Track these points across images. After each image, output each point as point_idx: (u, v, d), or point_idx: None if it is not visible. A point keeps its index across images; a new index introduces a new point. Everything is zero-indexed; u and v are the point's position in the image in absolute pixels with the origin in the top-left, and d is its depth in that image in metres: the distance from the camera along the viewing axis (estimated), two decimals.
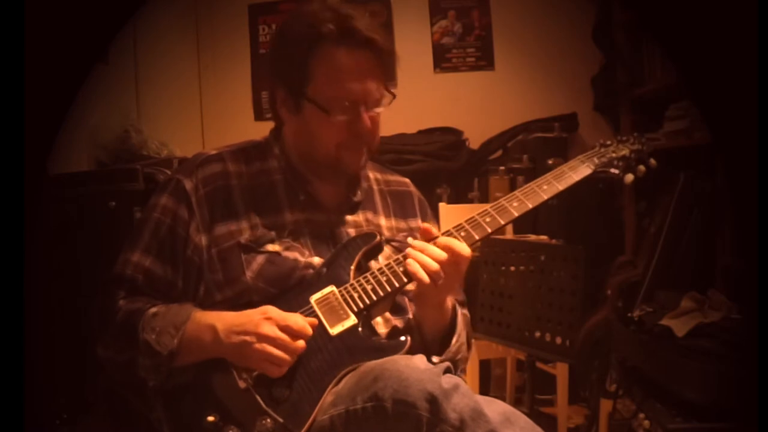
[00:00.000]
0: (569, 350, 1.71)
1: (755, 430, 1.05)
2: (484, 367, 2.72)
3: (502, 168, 3.06)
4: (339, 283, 1.12)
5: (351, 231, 1.23)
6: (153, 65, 2.92)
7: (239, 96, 3.54)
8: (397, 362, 0.97)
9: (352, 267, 1.14)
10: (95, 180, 1.98)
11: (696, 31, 1.39)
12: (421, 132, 3.34)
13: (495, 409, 0.93)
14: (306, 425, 1.00)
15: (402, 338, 1.08)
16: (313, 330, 1.06)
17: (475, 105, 3.42)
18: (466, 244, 1.10)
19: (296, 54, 1.15)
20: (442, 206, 2.71)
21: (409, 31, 3.48)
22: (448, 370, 0.98)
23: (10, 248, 0.95)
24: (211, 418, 1.03)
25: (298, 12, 1.19)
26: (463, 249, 1.08)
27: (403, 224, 1.31)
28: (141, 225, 1.18)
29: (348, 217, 1.25)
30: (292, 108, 1.19)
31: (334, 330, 1.08)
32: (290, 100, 1.19)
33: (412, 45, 3.47)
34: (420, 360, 0.98)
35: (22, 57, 1.01)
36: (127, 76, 2.72)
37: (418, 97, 3.40)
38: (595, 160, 1.22)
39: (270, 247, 1.15)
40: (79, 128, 2.26)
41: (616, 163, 1.24)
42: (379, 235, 1.19)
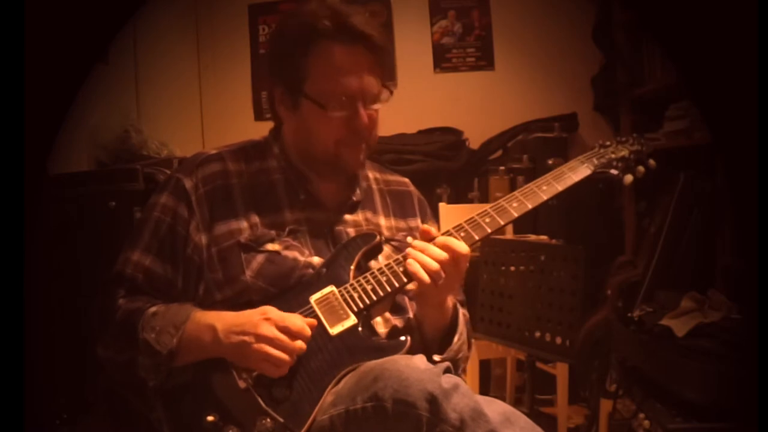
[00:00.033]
0: (569, 350, 1.71)
1: (755, 430, 1.05)
2: (484, 367, 2.72)
3: (502, 168, 3.06)
4: (339, 283, 1.12)
5: (350, 230, 1.23)
6: (153, 65, 2.91)
7: (239, 96, 3.54)
8: (397, 362, 0.97)
9: (352, 267, 1.14)
10: (95, 180, 1.99)
11: (696, 31, 1.39)
12: (421, 132, 3.34)
13: (495, 409, 0.93)
14: (306, 425, 1.00)
15: (402, 338, 1.08)
16: (313, 330, 1.06)
17: (475, 105, 3.42)
18: (466, 244, 1.10)
19: (293, 51, 1.15)
20: (442, 206, 2.71)
21: (409, 31, 3.48)
22: (447, 370, 0.98)
23: (10, 248, 0.95)
24: (210, 418, 1.03)
25: (295, 11, 1.19)
26: (461, 247, 1.08)
27: (402, 224, 1.31)
28: (141, 224, 1.18)
29: (347, 216, 1.24)
30: (290, 106, 1.19)
31: (334, 330, 1.08)
32: (288, 97, 1.19)
33: (412, 45, 3.47)
34: (420, 360, 0.98)
35: (22, 57, 1.01)
36: (127, 76, 2.72)
37: (418, 97, 3.40)
38: (595, 161, 1.23)
39: (270, 246, 1.14)
40: (79, 128, 2.26)
41: (616, 164, 1.24)
42: (378, 235, 1.18)
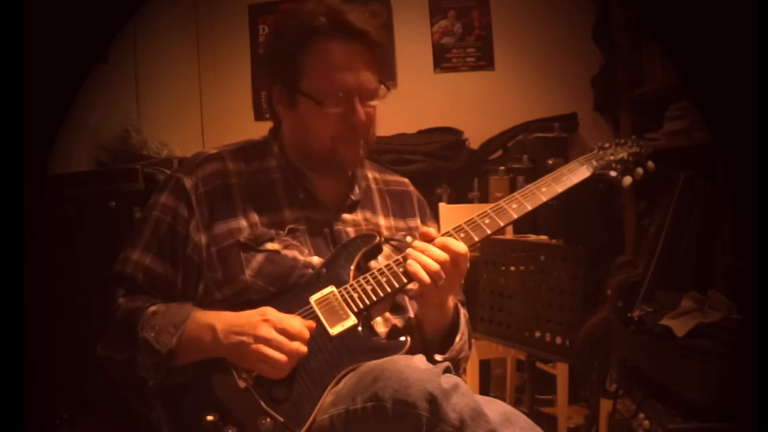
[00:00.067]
0: (569, 350, 1.71)
1: (755, 430, 1.05)
2: (484, 367, 2.72)
3: (502, 168, 3.06)
4: (339, 283, 1.12)
5: (350, 230, 1.23)
6: (153, 65, 2.91)
7: (239, 96, 3.54)
8: (397, 362, 0.97)
9: (352, 267, 1.14)
10: (95, 180, 1.99)
11: (696, 31, 1.39)
12: (421, 132, 3.34)
13: (495, 409, 0.93)
14: (306, 425, 1.00)
15: (402, 338, 1.08)
16: (312, 332, 1.06)
17: (475, 105, 3.42)
18: (466, 245, 1.10)
19: (290, 49, 1.16)
20: (442, 206, 2.71)
21: (409, 31, 3.48)
22: (447, 370, 0.98)
23: (10, 248, 0.95)
24: (210, 418, 1.03)
25: (292, 10, 1.19)
26: (461, 248, 1.09)
27: (402, 224, 1.31)
28: (141, 223, 1.18)
29: (347, 215, 1.24)
30: (287, 104, 1.20)
31: (334, 330, 1.08)
32: (285, 95, 1.19)
33: (412, 45, 3.47)
34: (420, 360, 0.98)
35: (22, 57, 1.01)
36: (127, 76, 2.72)
37: (418, 97, 3.40)
38: (594, 163, 1.23)
39: (269, 246, 1.14)
40: (79, 128, 2.26)
41: (615, 165, 1.25)
42: (378, 236, 1.19)
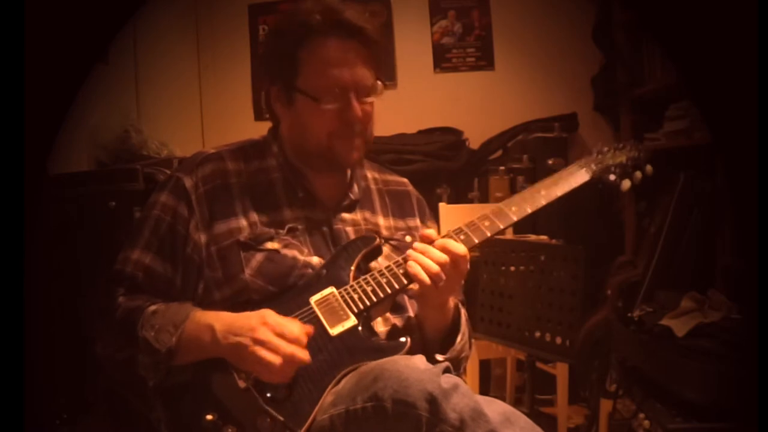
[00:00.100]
0: (569, 350, 1.71)
1: (755, 430, 1.05)
2: (484, 367, 2.72)
3: (502, 168, 3.06)
4: (339, 284, 1.12)
5: (349, 229, 1.23)
6: (153, 65, 2.91)
7: (239, 96, 3.54)
8: (397, 362, 0.97)
9: (352, 268, 1.14)
10: (95, 180, 1.99)
11: (696, 31, 1.39)
12: (421, 132, 3.34)
13: (495, 408, 0.93)
14: (306, 425, 1.00)
15: (402, 339, 1.08)
16: (312, 335, 1.06)
17: (475, 105, 3.42)
18: (466, 247, 1.11)
19: (286, 48, 1.17)
20: (442, 206, 2.71)
21: (409, 31, 3.47)
22: (447, 370, 0.98)
23: (10, 248, 0.95)
24: (210, 417, 1.03)
25: (288, 10, 1.20)
26: (460, 249, 1.09)
27: (401, 223, 1.31)
28: (141, 223, 1.18)
29: (346, 215, 1.25)
30: (285, 102, 1.20)
31: (334, 330, 1.08)
32: (283, 94, 1.20)
33: (412, 45, 3.47)
34: (419, 360, 0.99)
35: (22, 57, 1.01)
36: (127, 76, 2.72)
37: (418, 97, 3.41)
38: (593, 167, 1.24)
39: (269, 245, 1.15)
40: (79, 128, 2.26)
41: (614, 169, 1.26)
42: (378, 238, 1.19)
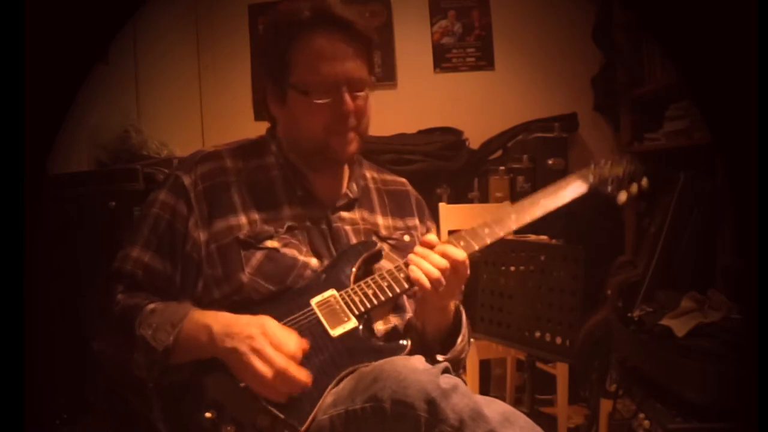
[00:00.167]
0: (569, 350, 1.71)
1: (755, 430, 1.05)
2: (484, 367, 2.72)
3: (502, 168, 3.06)
4: (339, 287, 1.13)
5: (348, 228, 1.24)
6: (153, 65, 2.91)
7: (239, 96, 3.53)
8: (396, 363, 0.97)
9: (353, 270, 1.15)
10: (95, 180, 1.98)
11: (696, 31, 1.39)
12: (421, 132, 3.33)
13: (494, 409, 0.93)
14: (305, 424, 1.00)
15: (402, 342, 1.09)
16: (314, 334, 1.06)
17: (475, 105, 3.41)
18: (466, 253, 1.12)
19: (278, 46, 1.17)
20: (442, 206, 2.71)
21: (409, 31, 3.47)
22: (446, 370, 0.98)
23: (10, 248, 0.95)
24: (209, 415, 1.02)
25: (280, 9, 1.21)
26: (459, 254, 1.10)
27: (400, 222, 1.32)
28: (140, 221, 1.19)
29: (344, 213, 1.25)
30: (279, 100, 1.21)
31: (335, 332, 1.08)
32: (276, 91, 1.20)
33: (412, 45, 3.46)
34: (418, 360, 0.99)
35: (22, 57, 1.01)
36: (127, 76, 2.72)
37: (418, 97, 3.40)
38: (591, 179, 1.27)
39: (269, 243, 1.15)
40: (79, 128, 2.26)
41: (611, 181, 1.28)
42: (379, 243, 1.21)
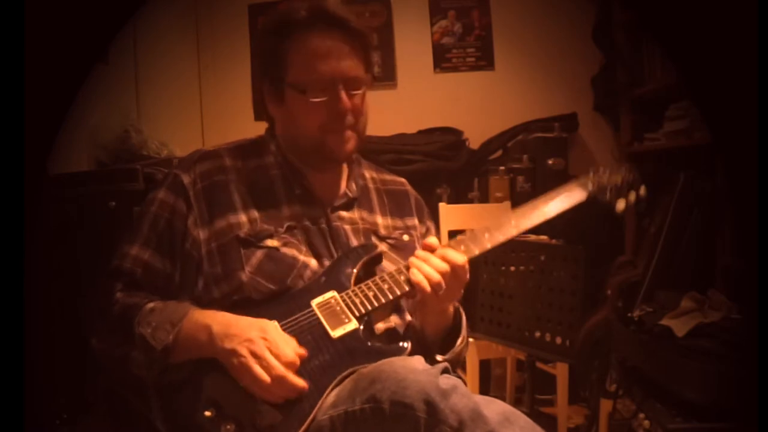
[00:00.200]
0: (569, 350, 1.71)
1: (755, 430, 1.05)
2: (484, 367, 2.72)
3: (502, 168, 3.06)
4: (340, 289, 1.13)
5: (347, 227, 1.24)
6: (153, 65, 2.91)
7: (239, 96, 3.53)
8: (395, 363, 0.97)
9: (354, 271, 1.16)
10: (95, 180, 1.98)
11: (696, 31, 1.39)
12: (421, 132, 3.33)
13: (494, 409, 0.93)
14: (305, 424, 1.00)
15: (402, 344, 1.09)
16: (314, 334, 1.07)
17: (475, 105, 3.41)
18: (466, 257, 1.12)
19: (274, 45, 1.18)
20: (442, 206, 2.71)
21: (409, 31, 3.47)
22: (446, 371, 0.98)
23: (10, 248, 0.95)
24: (208, 413, 1.02)
25: (276, 9, 1.21)
26: (458, 258, 1.11)
27: (399, 222, 1.32)
28: (139, 219, 1.19)
29: (344, 213, 1.26)
30: (277, 99, 1.21)
31: (336, 333, 1.08)
32: (274, 91, 1.21)
33: (412, 45, 3.46)
34: (418, 361, 0.99)
35: (22, 57, 1.01)
36: (127, 76, 2.72)
37: (418, 97, 3.40)
38: (590, 186, 1.27)
39: (269, 242, 1.15)
40: (79, 128, 2.25)
41: (609, 189, 1.28)
42: (379, 246, 1.21)
